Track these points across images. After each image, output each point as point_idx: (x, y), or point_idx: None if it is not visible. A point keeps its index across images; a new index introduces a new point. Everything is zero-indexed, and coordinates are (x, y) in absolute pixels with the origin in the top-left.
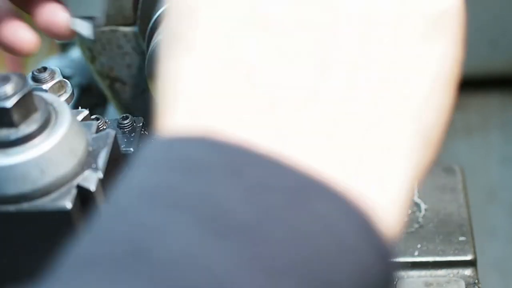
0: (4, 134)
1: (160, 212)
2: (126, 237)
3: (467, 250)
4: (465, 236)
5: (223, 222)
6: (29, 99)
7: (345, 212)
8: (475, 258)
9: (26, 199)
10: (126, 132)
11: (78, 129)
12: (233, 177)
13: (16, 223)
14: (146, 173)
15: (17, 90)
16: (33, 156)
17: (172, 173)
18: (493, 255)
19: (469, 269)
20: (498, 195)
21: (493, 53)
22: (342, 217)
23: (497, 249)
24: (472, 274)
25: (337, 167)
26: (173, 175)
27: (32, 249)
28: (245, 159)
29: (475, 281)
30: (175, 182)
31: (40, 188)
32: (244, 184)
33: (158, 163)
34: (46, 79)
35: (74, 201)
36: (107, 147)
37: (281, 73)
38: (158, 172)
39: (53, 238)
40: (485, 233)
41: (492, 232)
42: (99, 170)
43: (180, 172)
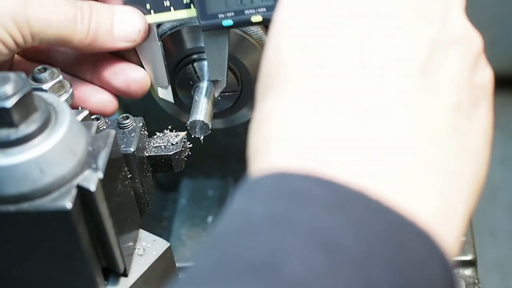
0: (4, 134)
1: (282, 235)
2: (254, 253)
3: (467, 250)
4: (465, 236)
5: (337, 252)
6: (29, 99)
7: (430, 250)
8: (475, 258)
9: (26, 199)
10: (126, 132)
11: (78, 129)
12: (339, 210)
13: (16, 223)
14: (263, 202)
15: (17, 90)
16: (33, 156)
17: (287, 204)
18: (493, 255)
19: (469, 269)
20: (498, 195)
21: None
22: (428, 254)
23: (497, 249)
24: (472, 274)
25: (426, 209)
26: (288, 205)
27: (32, 249)
28: (347, 195)
29: (475, 281)
30: (292, 212)
31: (40, 188)
32: (349, 219)
33: (273, 194)
34: (46, 79)
35: (74, 201)
36: (107, 147)
37: (372, 119)
38: (274, 202)
39: (53, 238)
40: (485, 233)
41: (492, 232)
42: (99, 170)
43: (294, 203)
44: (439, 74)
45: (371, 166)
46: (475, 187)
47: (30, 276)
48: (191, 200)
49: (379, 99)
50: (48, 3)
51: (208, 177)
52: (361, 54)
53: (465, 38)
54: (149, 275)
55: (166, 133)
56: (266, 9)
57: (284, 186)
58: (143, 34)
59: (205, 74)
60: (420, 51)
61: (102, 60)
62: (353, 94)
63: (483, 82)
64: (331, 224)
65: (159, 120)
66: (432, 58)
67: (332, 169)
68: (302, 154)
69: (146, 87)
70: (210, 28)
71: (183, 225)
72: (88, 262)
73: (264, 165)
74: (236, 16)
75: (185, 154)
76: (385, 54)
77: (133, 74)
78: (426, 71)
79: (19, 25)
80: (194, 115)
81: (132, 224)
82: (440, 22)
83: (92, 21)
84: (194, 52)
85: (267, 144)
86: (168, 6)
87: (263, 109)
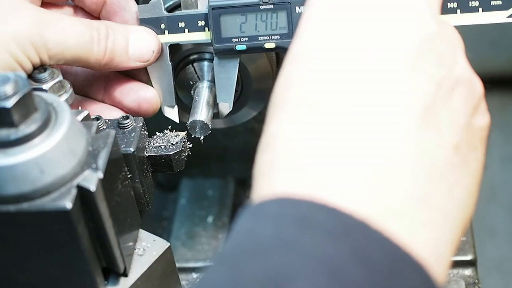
0: (4, 134)
1: (290, 257)
2: (264, 271)
3: (467, 250)
4: (465, 236)
5: (341, 278)
6: (29, 99)
7: (423, 280)
8: (475, 258)
9: (26, 199)
10: (126, 132)
11: (78, 129)
12: (343, 238)
13: (16, 223)
14: (271, 224)
15: (17, 90)
16: (33, 156)
17: (294, 228)
18: (493, 255)
19: (469, 269)
20: (498, 195)
21: (493, 53)
22: (422, 285)
23: (497, 249)
24: (472, 274)
25: (419, 243)
26: (295, 230)
27: (32, 249)
28: (350, 223)
29: (475, 281)
30: (298, 236)
31: (40, 188)
32: (352, 247)
33: (279, 218)
34: (46, 79)
35: (74, 201)
36: (107, 147)
37: (374, 151)
38: (282, 225)
39: (53, 238)
40: (485, 233)
41: (492, 232)
42: (99, 170)
43: (301, 228)
44: (442, 113)
45: (372, 196)
46: (462, 225)
47: (30, 276)
48: (191, 200)
49: (381, 134)
50: (65, 25)
51: (208, 177)
52: (368, 89)
53: (469, 81)
54: (149, 275)
55: (166, 133)
56: (280, 37)
57: (290, 211)
58: (157, 54)
59: (205, 74)
60: (427, 90)
61: (113, 80)
62: (354, 127)
63: (481, 126)
64: (335, 251)
65: (159, 120)
66: (437, 98)
67: (336, 196)
68: (306, 181)
69: (157, 107)
70: (223, 52)
71: (183, 225)
72: (88, 262)
73: (269, 189)
74: (249, 42)
75: (185, 154)
76: (391, 91)
77: (144, 93)
78: (430, 110)
79: (36, 48)
80: (194, 115)
81: (132, 224)
82: (450, 63)
83: (108, 41)
84: (194, 52)
85: (273, 167)
86: (183, 28)
87: (270, 129)
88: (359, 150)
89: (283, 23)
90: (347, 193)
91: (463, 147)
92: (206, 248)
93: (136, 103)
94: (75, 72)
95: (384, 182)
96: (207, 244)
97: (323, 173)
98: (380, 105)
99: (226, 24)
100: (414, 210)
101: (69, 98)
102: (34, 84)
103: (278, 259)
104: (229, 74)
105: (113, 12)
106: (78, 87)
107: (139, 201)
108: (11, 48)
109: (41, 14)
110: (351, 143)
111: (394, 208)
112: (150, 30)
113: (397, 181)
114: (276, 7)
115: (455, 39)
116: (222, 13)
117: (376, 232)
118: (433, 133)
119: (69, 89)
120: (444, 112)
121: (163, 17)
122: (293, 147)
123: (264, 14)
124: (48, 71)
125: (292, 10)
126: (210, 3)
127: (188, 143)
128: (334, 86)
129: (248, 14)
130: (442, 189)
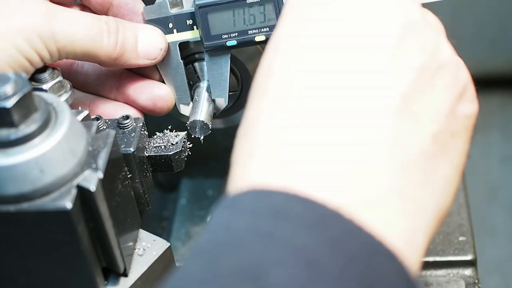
0: (4, 134)
1: (266, 248)
2: (240, 262)
3: (467, 250)
4: (465, 236)
5: (316, 268)
6: (29, 99)
7: (397, 269)
8: (475, 258)
9: (26, 199)
10: (126, 132)
11: (78, 129)
12: (317, 229)
13: (16, 223)
14: (245, 217)
15: (17, 90)
16: (33, 156)
17: (268, 220)
18: (493, 255)
19: (469, 269)
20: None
21: (493, 53)
22: (395, 273)
23: (497, 249)
24: (472, 274)
25: (392, 232)
26: (270, 221)
27: (32, 249)
28: (324, 214)
29: (475, 281)
30: (273, 227)
31: (40, 188)
32: (326, 237)
33: (254, 210)
34: (46, 79)
35: (74, 201)
36: (107, 147)
37: (349, 141)
38: (257, 217)
39: (53, 238)
40: (485, 233)
41: (492, 232)
42: (99, 170)
43: (275, 219)
44: (422, 101)
45: (346, 186)
46: (439, 215)
47: (30, 276)
48: (191, 200)
49: (358, 124)
50: (73, 16)
51: (208, 177)
52: (348, 81)
53: (454, 67)
54: (149, 275)
55: (166, 133)
56: (269, 29)
57: (264, 203)
58: (164, 52)
59: (205, 74)
60: (406, 77)
61: (126, 79)
62: (332, 116)
63: (466, 114)
64: (310, 241)
65: (159, 120)
66: (417, 85)
67: (310, 187)
68: (281, 171)
69: (171, 104)
70: (214, 49)
71: (183, 225)
72: (88, 262)
73: (245, 178)
74: (239, 37)
75: (185, 154)
76: (370, 82)
77: (158, 91)
78: (409, 97)
79: (44, 40)
80: (194, 115)
81: (132, 224)
82: (432, 49)
83: (119, 35)
84: (194, 52)
85: (249, 155)
86: (191, 25)
87: (250, 116)
88: (336, 140)
89: (271, 15)
90: (322, 183)
91: (442, 136)
92: None
93: (151, 101)
94: (86, 71)
95: (359, 173)
96: None
97: (299, 163)
98: (359, 97)
99: (214, 21)
100: (389, 200)
101: (69, 98)
102: (34, 84)
103: (254, 250)
104: (222, 70)
105: (120, 15)
106: (90, 86)
107: (139, 201)
108: (18, 43)
109: (48, 6)
110: (328, 133)
111: (369, 198)
112: (157, 28)
113: (372, 171)
114: (262, 0)
115: (437, 25)
116: (209, 11)
117: (349, 222)
118: (411, 121)
119: (69, 89)
120: (424, 100)
121: (170, 17)
122: (271, 135)
123: (252, 8)
124: (48, 71)
125: (279, 1)
126: (196, 2)
127: (188, 143)
128: (314, 77)
129: (235, 9)
130: (418, 178)
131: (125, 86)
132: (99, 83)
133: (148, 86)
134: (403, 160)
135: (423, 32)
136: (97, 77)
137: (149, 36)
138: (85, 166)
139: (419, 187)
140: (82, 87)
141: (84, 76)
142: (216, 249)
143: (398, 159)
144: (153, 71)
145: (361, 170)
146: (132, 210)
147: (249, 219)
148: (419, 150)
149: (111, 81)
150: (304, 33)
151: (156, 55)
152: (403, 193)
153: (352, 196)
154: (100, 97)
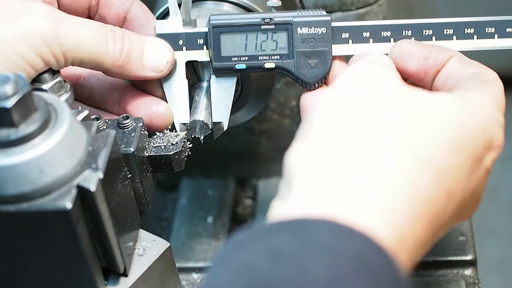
0: (4, 134)
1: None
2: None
3: (467, 250)
4: (465, 236)
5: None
6: (29, 99)
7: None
8: (475, 258)
9: (26, 199)
10: (126, 132)
11: (78, 129)
12: (357, 263)
13: (16, 223)
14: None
15: (17, 90)
16: (33, 156)
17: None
18: (493, 255)
19: (469, 269)
20: (498, 195)
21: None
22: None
23: (497, 249)
24: (472, 274)
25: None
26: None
27: (32, 249)
28: (363, 246)
29: (475, 281)
30: (305, 260)
31: (40, 188)
32: (366, 275)
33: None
34: (46, 79)
35: (74, 201)
36: (107, 147)
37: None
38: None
39: (53, 238)
40: (485, 233)
41: (492, 232)
42: (99, 170)
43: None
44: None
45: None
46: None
47: (30, 276)
48: (191, 200)
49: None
50: (78, 20)
51: (208, 177)
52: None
53: (500, 150)
54: (149, 275)
55: (166, 133)
56: (280, 57)
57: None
58: (170, 65)
59: (205, 74)
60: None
61: (127, 94)
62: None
63: (489, 167)
64: (348, 278)
65: None
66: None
67: (351, 216)
68: (320, 200)
69: (168, 122)
70: (222, 70)
71: (183, 225)
72: (88, 262)
73: (284, 209)
74: (249, 61)
75: (185, 154)
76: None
77: (155, 108)
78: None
79: (48, 43)
80: (194, 115)
81: (132, 224)
82: (486, 143)
83: (125, 43)
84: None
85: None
86: (201, 44)
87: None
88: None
89: (283, 43)
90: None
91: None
92: (206, 248)
93: (148, 118)
94: (91, 85)
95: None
96: (207, 244)
97: (338, 194)
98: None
99: (227, 42)
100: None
101: (69, 98)
102: (34, 84)
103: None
104: (227, 93)
105: (131, 29)
106: (94, 100)
107: (139, 201)
108: (20, 49)
109: (53, 10)
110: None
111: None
112: (165, 42)
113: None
114: (277, 28)
115: (490, 117)
116: (223, 32)
117: (394, 258)
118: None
119: (69, 89)
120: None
121: (181, 33)
122: (310, 170)
123: (265, 34)
124: (49, 71)
125: (293, 31)
126: (211, 21)
127: (188, 143)
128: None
129: (249, 33)
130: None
131: (126, 101)
132: (102, 97)
133: (146, 103)
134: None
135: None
136: (101, 91)
137: (156, 47)
138: (85, 166)
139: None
140: (87, 101)
141: (89, 90)
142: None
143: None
144: (156, 87)
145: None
146: (132, 210)
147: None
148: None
149: (114, 95)
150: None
151: (163, 67)
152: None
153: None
154: (103, 111)
